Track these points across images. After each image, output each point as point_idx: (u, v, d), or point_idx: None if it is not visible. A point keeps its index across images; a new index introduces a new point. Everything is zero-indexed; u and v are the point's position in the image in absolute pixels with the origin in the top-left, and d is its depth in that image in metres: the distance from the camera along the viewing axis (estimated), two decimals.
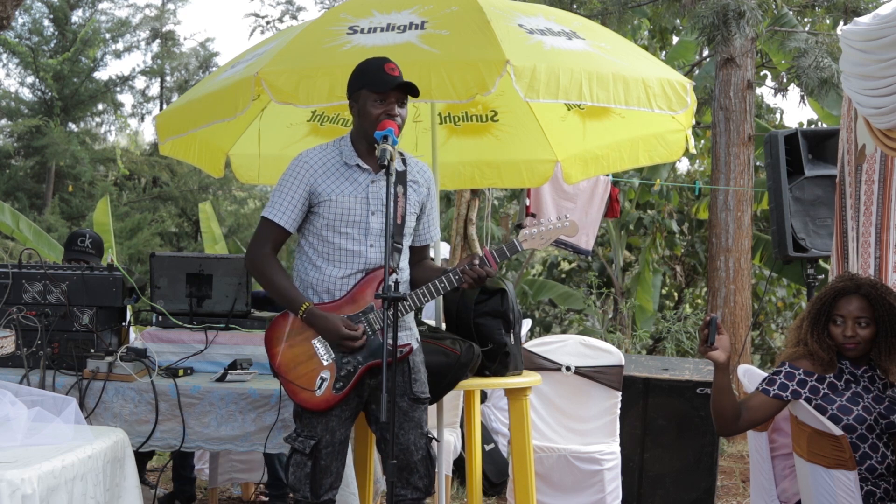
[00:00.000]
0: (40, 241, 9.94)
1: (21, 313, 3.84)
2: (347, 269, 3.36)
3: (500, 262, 3.34)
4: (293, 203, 3.37)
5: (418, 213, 3.50)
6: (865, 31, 3.57)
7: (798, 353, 3.42)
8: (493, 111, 4.94)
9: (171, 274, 4.14)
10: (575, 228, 3.39)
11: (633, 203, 12.55)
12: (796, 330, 3.50)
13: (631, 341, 10.71)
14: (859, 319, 3.32)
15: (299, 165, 3.40)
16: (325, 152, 3.43)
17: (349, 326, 3.29)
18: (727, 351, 3.27)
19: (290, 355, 3.36)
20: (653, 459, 5.16)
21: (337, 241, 3.36)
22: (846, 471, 3.21)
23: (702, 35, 7.53)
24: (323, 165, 3.39)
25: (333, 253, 3.37)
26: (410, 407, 3.40)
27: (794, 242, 5.72)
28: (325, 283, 3.38)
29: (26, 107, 17.95)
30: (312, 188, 3.36)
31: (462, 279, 3.32)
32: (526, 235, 3.39)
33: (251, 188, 18.32)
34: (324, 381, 3.32)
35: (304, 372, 3.34)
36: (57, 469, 2.71)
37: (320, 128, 5.00)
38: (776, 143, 5.76)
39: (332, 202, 3.34)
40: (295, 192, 3.37)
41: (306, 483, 3.35)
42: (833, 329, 3.37)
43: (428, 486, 3.41)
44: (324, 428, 3.35)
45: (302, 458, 3.35)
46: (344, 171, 3.39)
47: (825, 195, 5.68)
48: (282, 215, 3.37)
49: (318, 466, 3.35)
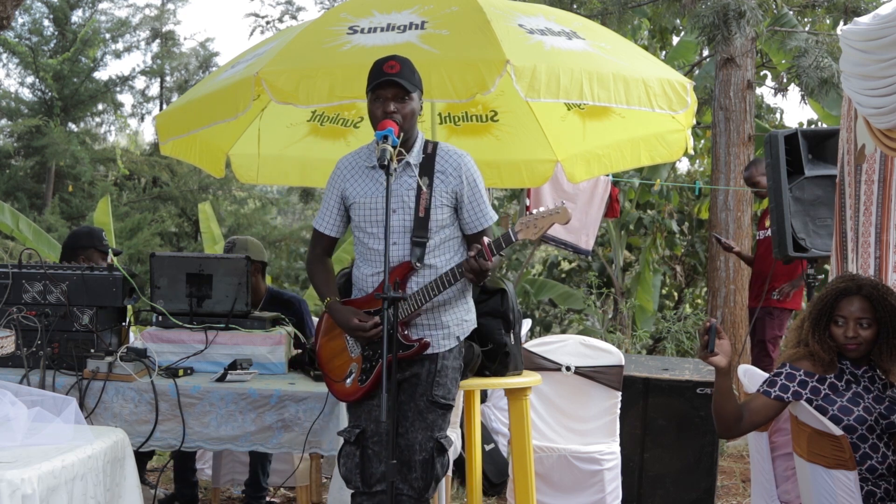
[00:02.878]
0: (40, 241, 9.93)
1: (21, 313, 3.84)
2: (375, 267, 3.44)
3: (496, 253, 3.32)
4: (330, 209, 3.53)
5: (454, 204, 3.44)
6: (865, 31, 3.56)
7: (798, 354, 3.41)
8: (493, 111, 4.95)
9: (171, 274, 4.14)
10: (566, 214, 3.35)
11: (633, 203, 12.55)
12: (797, 330, 3.50)
13: (631, 341, 10.71)
14: (861, 320, 3.32)
15: (334, 172, 3.54)
16: (357, 155, 3.54)
17: (360, 318, 3.37)
18: (728, 355, 3.26)
19: (327, 348, 3.52)
20: (653, 459, 5.15)
21: (366, 240, 3.45)
22: (846, 471, 3.20)
23: (702, 35, 7.53)
24: (351, 169, 3.50)
25: (365, 252, 3.47)
26: (427, 408, 3.40)
27: (794, 242, 5.71)
28: (360, 280, 3.50)
29: (26, 107, 17.94)
30: (343, 192, 3.49)
31: (462, 273, 3.33)
32: (520, 225, 3.39)
33: (251, 188, 18.30)
34: (351, 374, 3.44)
35: (338, 364, 3.48)
36: (57, 469, 2.71)
37: (320, 128, 5.00)
38: (776, 143, 5.75)
39: (358, 204, 3.45)
40: (330, 197, 3.53)
41: (356, 473, 3.39)
42: (834, 330, 3.37)
43: (422, 490, 3.40)
44: (368, 417, 3.41)
45: (350, 447, 3.41)
46: (368, 173, 3.46)
47: (825, 195, 5.67)
48: (323, 222, 3.55)
49: (365, 455, 3.39)
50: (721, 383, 3.28)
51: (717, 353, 3.23)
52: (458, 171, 3.43)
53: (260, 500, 5.03)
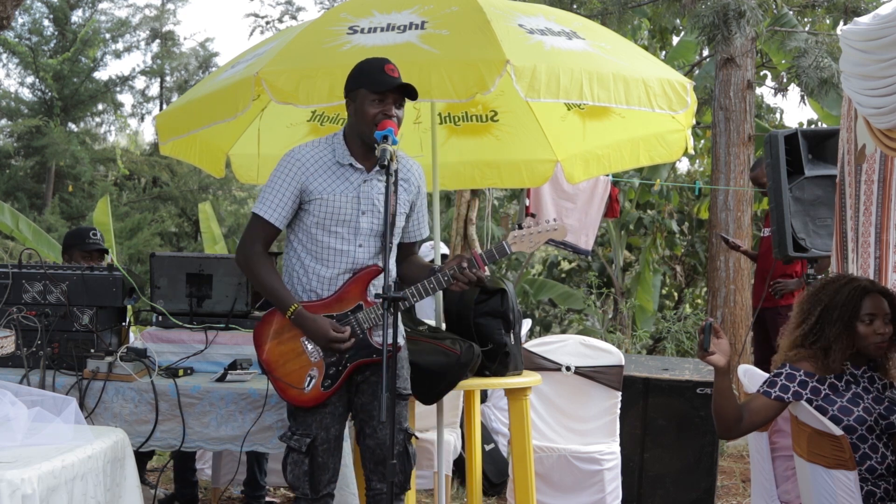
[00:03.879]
0: (40, 241, 9.93)
1: (21, 313, 3.84)
2: (336, 268, 3.37)
3: (488, 263, 3.36)
4: (283, 200, 3.35)
5: (408, 212, 3.51)
6: (865, 31, 3.56)
7: (799, 355, 3.41)
8: (493, 111, 4.94)
9: (171, 274, 4.13)
10: (564, 232, 3.41)
11: (633, 203, 12.56)
12: (796, 330, 3.48)
13: (631, 341, 10.71)
14: (887, 316, 3.32)
15: (291, 162, 3.38)
16: (317, 149, 3.41)
17: (337, 329, 3.31)
18: (726, 354, 3.25)
19: (278, 352, 3.38)
20: (653, 459, 5.15)
21: (326, 240, 3.36)
22: (846, 471, 3.20)
23: (702, 35, 7.53)
24: (315, 163, 3.37)
25: (322, 252, 3.37)
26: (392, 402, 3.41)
27: (794, 242, 5.71)
28: (313, 281, 3.39)
29: (26, 107, 17.96)
30: (304, 186, 3.35)
31: (451, 281, 3.33)
32: (515, 238, 3.41)
33: (251, 188, 18.31)
34: (312, 379, 3.34)
35: (293, 369, 3.36)
36: (57, 469, 2.71)
37: (320, 128, 5.00)
38: (776, 143, 5.75)
39: (323, 200, 3.34)
40: (286, 188, 3.35)
41: (305, 480, 3.36)
42: (861, 328, 3.33)
43: (403, 482, 3.40)
44: (318, 425, 3.37)
45: (299, 456, 3.36)
46: (336, 170, 3.38)
47: (825, 195, 5.67)
48: (272, 212, 3.35)
49: (315, 463, 3.36)
50: (720, 383, 3.28)
51: (714, 353, 3.23)
52: (418, 180, 3.52)
53: (259, 500, 5.03)
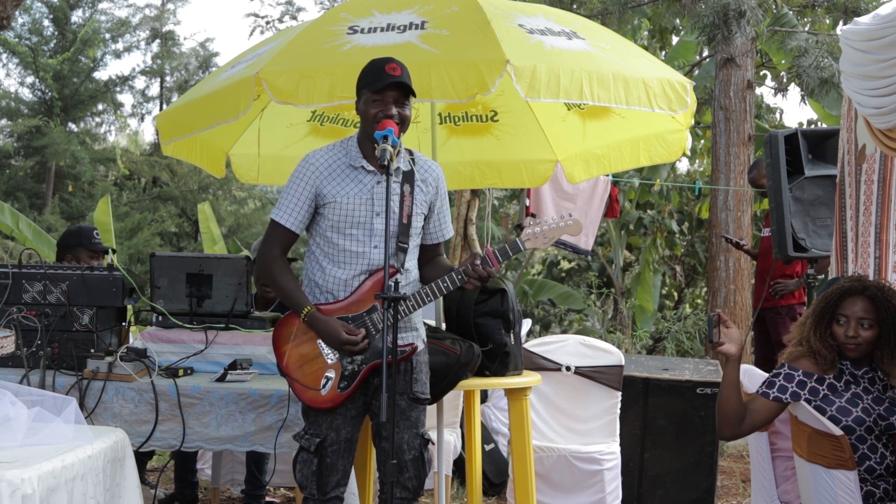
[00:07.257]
0: (40, 241, 9.94)
1: (21, 313, 3.84)
2: (351, 270, 3.38)
3: (502, 261, 3.35)
4: (299, 204, 3.39)
5: (427, 213, 3.51)
6: (865, 31, 3.57)
7: (798, 353, 3.41)
8: (493, 111, 4.94)
9: (171, 274, 4.13)
10: (579, 227, 3.40)
11: (633, 203, 12.56)
12: (799, 328, 3.49)
13: (631, 341, 10.71)
14: (862, 321, 3.32)
15: (305, 167, 3.41)
16: (331, 153, 3.44)
17: (349, 331, 3.31)
18: (737, 342, 3.27)
19: (296, 354, 3.40)
20: (653, 459, 5.15)
21: (341, 242, 3.38)
22: (846, 471, 3.20)
23: (702, 35, 7.54)
24: (329, 167, 3.40)
25: (338, 254, 3.39)
26: (409, 406, 3.41)
27: (794, 242, 5.71)
28: (329, 284, 3.40)
29: (26, 107, 17.95)
30: (318, 190, 3.38)
31: (465, 279, 3.33)
32: (529, 234, 3.39)
33: (251, 188, 18.34)
34: (329, 381, 3.36)
35: (310, 371, 3.38)
36: (57, 469, 2.71)
37: (320, 128, 5.00)
38: (776, 143, 5.75)
39: (337, 203, 3.36)
40: (301, 193, 3.39)
41: (313, 480, 3.37)
42: (836, 328, 3.37)
43: (417, 488, 3.41)
44: (329, 426, 3.38)
45: (308, 455, 3.38)
46: (349, 173, 3.40)
47: (825, 195, 5.68)
48: (288, 217, 3.40)
49: (323, 464, 3.37)
50: (729, 373, 3.28)
51: (724, 343, 3.24)
52: (437, 182, 3.52)
53: (259, 499, 5.03)
